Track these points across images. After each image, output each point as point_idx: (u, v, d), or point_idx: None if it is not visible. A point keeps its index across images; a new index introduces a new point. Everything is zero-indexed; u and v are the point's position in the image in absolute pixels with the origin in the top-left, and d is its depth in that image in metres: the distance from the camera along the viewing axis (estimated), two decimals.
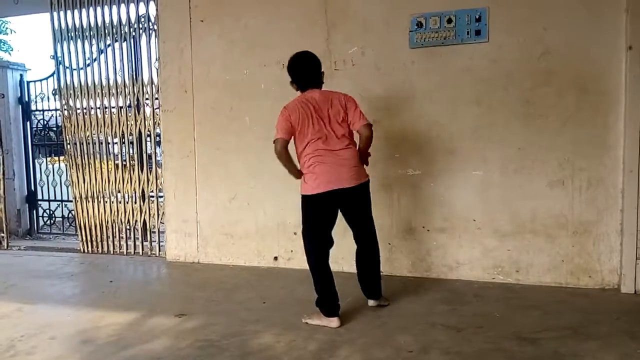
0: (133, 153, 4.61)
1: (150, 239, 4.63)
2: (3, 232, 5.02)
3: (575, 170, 3.34)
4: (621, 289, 3.26)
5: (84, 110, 4.67)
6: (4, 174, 5.09)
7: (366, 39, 3.70)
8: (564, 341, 2.56)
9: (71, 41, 4.66)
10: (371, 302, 3.08)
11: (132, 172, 4.60)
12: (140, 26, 4.50)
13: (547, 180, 3.40)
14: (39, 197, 5.88)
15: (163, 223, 4.50)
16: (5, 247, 5.00)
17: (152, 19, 4.42)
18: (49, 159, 5.92)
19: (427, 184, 3.64)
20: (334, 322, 2.79)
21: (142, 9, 4.45)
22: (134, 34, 4.53)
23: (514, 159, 3.45)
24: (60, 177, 5.63)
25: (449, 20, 3.51)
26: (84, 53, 4.65)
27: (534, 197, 3.43)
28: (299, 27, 3.86)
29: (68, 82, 4.70)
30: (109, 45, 4.59)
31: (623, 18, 3.18)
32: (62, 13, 4.63)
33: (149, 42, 4.47)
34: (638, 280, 3.23)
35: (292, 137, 2.88)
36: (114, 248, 4.69)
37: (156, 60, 4.38)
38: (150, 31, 4.45)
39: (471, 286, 3.47)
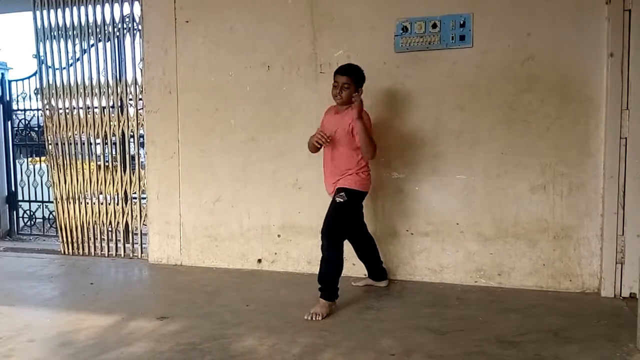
0: (116, 154, 4.55)
1: (133, 241, 4.58)
2: None
3: (557, 176, 3.39)
4: (601, 292, 3.30)
5: (67, 111, 4.61)
6: None
7: (352, 43, 3.71)
8: (545, 344, 2.59)
9: (54, 40, 4.60)
10: (383, 283, 3.56)
11: (114, 173, 4.55)
12: (125, 26, 4.45)
13: (529, 185, 3.44)
14: (20, 197, 5.79)
15: (145, 225, 4.45)
16: None
17: (137, 19, 4.37)
18: (30, 159, 5.82)
19: (412, 188, 3.66)
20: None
21: (126, 9, 4.41)
22: (118, 34, 4.48)
23: (497, 164, 3.49)
24: (42, 177, 5.54)
25: (434, 25, 3.54)
26: (67, 52, 4.59)
27: (517, 201, 3.47)
28: (285, 30, 3.86)
29: (50, 82, 4.63)
30: (92, 45, 4.53)
31: (605, 26, 3.24)
32: (45, 12, 4.56)
33: (133, 42, 4.42)
34: (618, 284, 3.27)
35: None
36: (95, 250, 4.62)
37: (140, 60, 4.34)
38: (135, 31, 4.41)
39: (454, 289, 3.49)
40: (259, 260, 4.02)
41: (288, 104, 3.87)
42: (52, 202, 4.95)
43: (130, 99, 4.47)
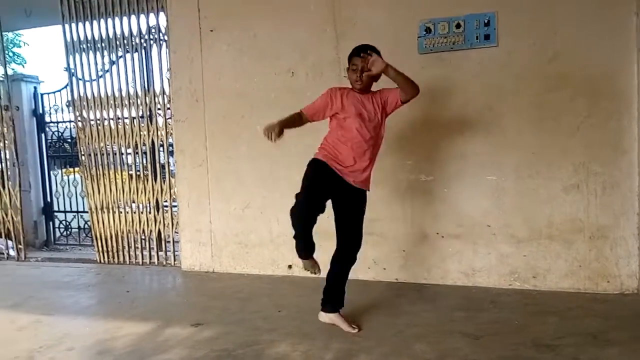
0: (146, 163, 4.65)
1: (165, 248, 4.66)
2: (20, 244, 5.07)
3: (590, 175, 3.31)
4: None
5: (98, 122, 4.72)
6: (20, 186, 5.14)
7: (375, 46, 3.69)
8: (583, 347, 2.53)
9: (83, 53, 4.71)
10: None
11: (145, 182, 4.64)
12: (151, 37, 4.53)
13: (562, 185, 3.37)
14: (55, 208, 5.96)
15: (177, 233, 4.52)
16: (23, 259, 5.05)
17: (163, 30, 4.45)
18: (64, 170, 5.99)
19: (441, 190, 3.63)
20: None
21: (152, 20, 4.50)
22: (145, 44, 4.57)
23: (528, 164, 3.43)
24: (76, 188, 5.70)
25: (458, 25, 3.50)
26: (96, 64, 4.70)
27: (550, 202, 3.40)
28: (308, 36, 3.87)
29: (81, 94, 4.75)
30: (120, 57, 4.63)
31: (633, 20, 3.16)
32: (73, 25, 4.68)
33: (160, 52, 4.51)
34: None
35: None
36: (129, 258, 4.72)
37: (167, 70, 4.42)
38: (161, 42, 4.49)
39: (488, 293, 3.44)
40: (290, 266, 4.04)
41: None
42: (86, 212, 5.07)
43: (159, 109, 4.55)
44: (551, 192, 3.39)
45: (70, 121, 5.66)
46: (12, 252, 5.13)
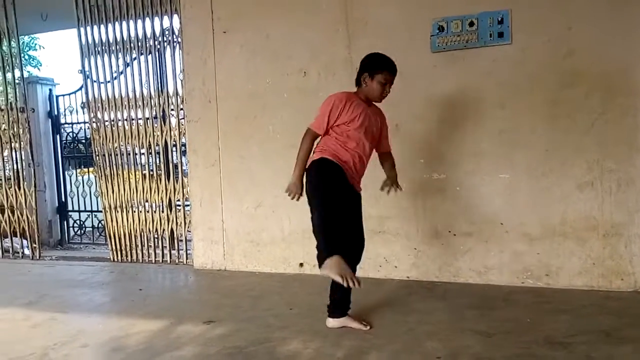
0: (160, 163, 4.69)
1: (178, 247, 4.70)
2: (35, 243, 5.14)
3: (605, 172, 3.28)
4: None
5: (112, 123, 4.78)
6: (35, 186, 5.22)
7: (388, 45, 3.67)
8: (596, 345, 2.51)
9: (98, 55, 4.76)
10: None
11: (159, 182, 4.69)
12: (165, 39, 4.58)
13: (576, 183, 3.34)
14: (70, 207, 6.04)
15: (190, 231, 4.56)
16: (38, 258, 5.11)
17: (176, 32, 4.50)
18: (78, 170, 6.07)
19: (453, 188, 3.62)
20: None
21: (166, 22, 4.54)
22: (158, 46, 4.61)
23: (541, 162, 3.41)
24: (90, 188, 5.77)
25: (471, 24, 3.50)
26: (111, 66, 4.75)
27: (563, 199, 3.37)
28: (320, 36, 3.89)
29: (96, 96, 4.80)
30: (134, 59, 4.68)
31: None
32: (88, 28, 4.74)
33: (174, 54, 4.55)
34: None
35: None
36: (142, 257, 4.76)
37: (181, 71, 4.46)
38: (175, 44, 4.53)
39: (500, 291, 3.42)
40: (301, 264, 4.05)
41: None
42: (100, 211, 5.13)
43: (172, 110, 4.60)
44: (565, 189, 3.37)
45: (84, 122, 5.74)
46: (27, 251, 5.20)
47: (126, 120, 4.74)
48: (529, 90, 3.41)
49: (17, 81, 5.26)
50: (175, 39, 4.52)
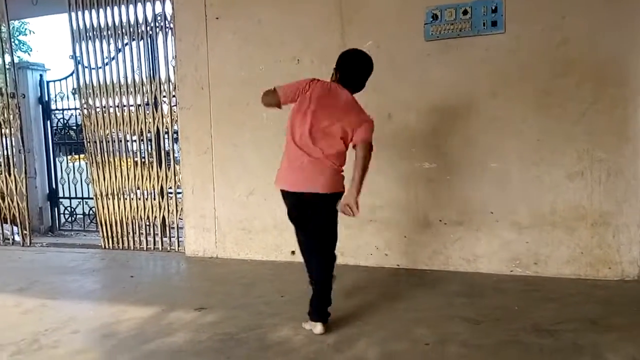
0: (151, 150, 4.67)
1: (170, 234, 4.69)
2: (26, 230, 5.11)
3: (595, 162, 3.31)
4: None
5: (103, 109, 4.74)
6: (26, 172, 5.18)
7: (381, 33, 3.69)
8: (583, 333, 2.55)
9: (89, 41, 4.71)
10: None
11: (150, 169, 4.66)
12: (157, 25, 4.53)
13: (566, 172, 3.37)
14: (60, 194, 6.00)
15: (182, 219, 4.55)
16: (28, 244, 5.09)
17: (168, 18, 4.45)
18: (69, 157, 6.02)
19: (444, 177, 3.63)
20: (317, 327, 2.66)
21: (158, 8, 4.49)
22: (150, 32, 4.57)
23: (532, 151, 3.43)
24: (81, 175, 5.73)
25: (465, 12, 3.49)
26: (102, 52, 4.70)
27: (553, 189, 3.40)
28: (314, 22, 3.86)
29: (87, 82, 4.76)
30: (126, 44, 4.63)
31: None
32: (80, 13, 4.68)
33: (166, 40, 4.50)
34: None
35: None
36: (134, 244, 4.76)
37: (173, 58, 4.42)
38: (167, 29, 4.49)
39: (489, 279, 3.46)
40: (293, 252, 4.05)
41: None
42: (91, 198, 5.11)
43: (164, 96, 4.57)
44: (555, 179, 3.39)
45: (75, 108, 5.68)
46: (18, 238, 5.18)
47: (118, 106, 4.70)
48: (522, 79, 3.42)
49: (7, 66, 5.19)
50: (167, 25, 4.48)
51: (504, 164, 3.49)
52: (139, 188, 4.71)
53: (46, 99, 5.92)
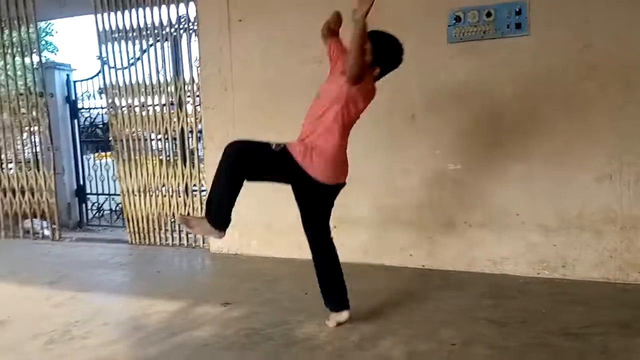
0: (176, 149, 4.74)
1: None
2: (55, 224, 5.23)
3: (624, 165, 3.26)
4: None
5: (129, 108, 4.82)
6: (54, 169, 5.29)
7: (403, 35, 3.64)
8: (612, 337, 2.51)
9: (115, 42, 4.80)
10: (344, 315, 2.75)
11: (175, 167, 4.74)
12: (181, 26, 4.60)
13: (594, 175, 3.33)
14: (88, 191, 6.12)
15: None
16: (58, 239, 5.21)
17: (192, 19, 4.52)
18: (95, 154, 6.15)
19: (468, 179, 3.62)
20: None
21: (182, 10, 4.56)
22: (174, 34, 4.64)
23: (558, 154, 3.40)
24: (107, 172, 5.84)
25: (488, 14, 3.47)
26: (128, 53, 4.79)
27: (581, 192, 3.36)
28: None
29: (113, 82, 4.85)
30: (151, 45, 4.71)
31: None
32: (105, 15, 4.77)
33: (189, 41, 4.57)
34: None
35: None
36: (160, 240, 4.82)
37: (196, 59, 4.48)
38: (190, 31, 4.56)
39: (516, 281, 3.43)
40: None
41: None
42: (118, 194, 5.20)
43: (188, 96, 4.63)
44: (583, 182, 3.35)
45: (102, 107, 5.80)
46: (47, 232, 5.29)
47: (143, 106, 4.78)
48: (547, 82, 3.39)
49: (35, 66, 5.32)
50: (191, 27, 4.54)
51: (530, 166, 3.47)
52: (164, 185, 4.78)
53: (73, 98, 6.05)
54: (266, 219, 4.25)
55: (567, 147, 3.38)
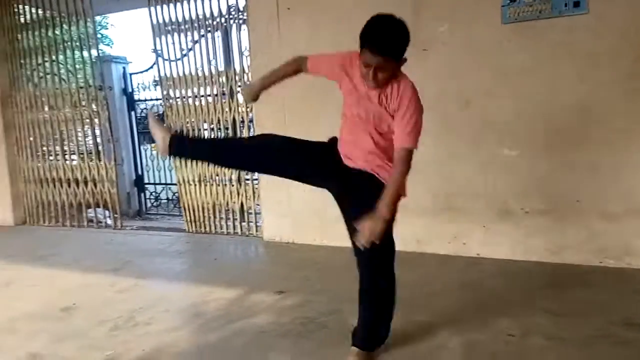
0: None
1: (248, 219, 4.86)
2: (116, 213, 5.48)
3: None
4: None
5: (183, 99, 4.95)
6: (115, 160, 5.53)
7: (456, 17, 3.59)
8: None
9: (168, 34, 4.91)
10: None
11: None
12: (231, 16, 4.66)
13: None
14: (146, 180, 6.37)
15: (259, 205, 4.70)
16: (120, 227, 5.45)
17: (241, 9, 4.56)
18: (152, 145, 6.36)
19: (525, 164, 3.51)
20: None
21: (232, 0, 4.61)
22: (225, 24, 4.70)
23: (622, 137, 3.23)
24: (164, 162, 6.03)
25: None
26: (180, 45, 4.89)
27: None
28: (386, 7, 3.78)
29: (167, 74, 4.97)
30: (202, 36, 4.80)
31: None
32: (158, 8, 4.88)
33: (239, 31, 4.62)
34: None
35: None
36: (215, 228, 4.95)
37: (246, 48, 4.53)
38: (240, 21, 4.60)
39: (576, 270, 3.32)
40: None
41: None
42: (174, 184, 5.37)
43: (239, 86, 4.70)
44: None
45: (157, 99, 5.98)
46: (109, 221, 5.55)
47: (196, 97, 4.89)
48: (608, 63, 3.22)
49: (93, 60, 5.53)
50: (241, 16, 4.59)
51: (592, 151, 3.32)
52: (217, 175, 4.90)
53: (130, 90, 6.26)
54: (318, 207, 4.28)
55: (632, 130, 3.21)
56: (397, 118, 2.06)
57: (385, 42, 1.99)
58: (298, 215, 4.38)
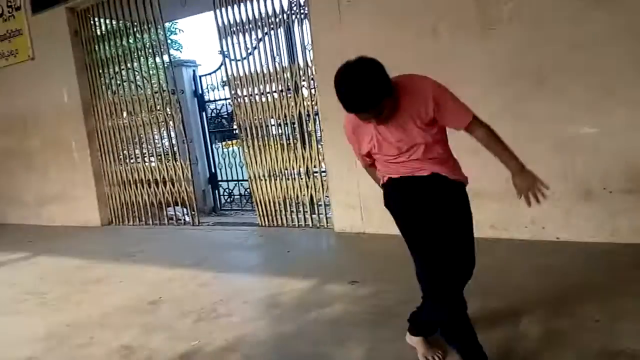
0: (295, 133, 4.91)
1: (318, 212, 4.92)
2: (194, 211, 5.73)
3: None
4: None
5: (250, 97, 5.07)
6: (189, 160, 5.78)
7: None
8: None
9: (233, 35, 5.04)
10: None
11: (295, 151, 4.92)
12: (292, 12, 4.71)
13: None
14: (219, 178, 6.62)
15: (328, 197, 4.75)
16: (197, 224, 5.70)
17: (302, 4, 4.60)
18: (223, 143, 6.60)
19: (607, 142, 3.30)
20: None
21: None
22: (287, 20, 4.77)
23: None
24: (234, 159, 6.24)
25: None
26: (245, 44, 5.01)
27: None
28: None
29: (234, 73, 5.12)
30: (265, 34, 4.89)
31: None
32: (223, 10, 5.02)
33: (301, 27, 4.67)
34: None
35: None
36: (286, 221, 5.06)
37: (309, 43, 4.57)
38: (302, 16, 4.65)
39: None
40: None
41: (456, 70, 3.68)
42: (246, 180, 5.55)
43: (304, 81, 4.75)
44: None
45: (226, 99, 6.18)
46: (188, 218, 5.83)
47: (262, 94, 5.00)
48: None
49: (165, 65, 5.80)
50: (302, 12, 4.63)
51: None
52: (286, 169, 5.00)
53: (200, 92, 6.51)
54: None
55: None
56: (437, 114, 2.01)
57: (359, 102, 1.92)
58: (367, 205, 4.38)
